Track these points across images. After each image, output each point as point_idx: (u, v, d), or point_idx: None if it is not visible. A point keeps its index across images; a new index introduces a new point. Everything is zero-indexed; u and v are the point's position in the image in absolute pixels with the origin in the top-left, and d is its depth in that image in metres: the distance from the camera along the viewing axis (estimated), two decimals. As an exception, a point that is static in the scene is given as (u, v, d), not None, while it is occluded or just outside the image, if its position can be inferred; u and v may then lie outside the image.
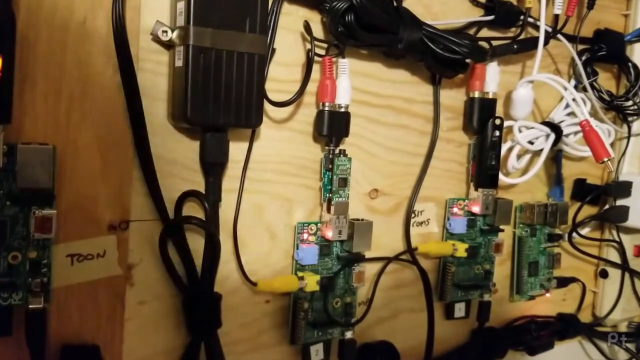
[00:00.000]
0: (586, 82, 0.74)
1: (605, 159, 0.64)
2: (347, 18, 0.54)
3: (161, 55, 0.50)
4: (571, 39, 0.75)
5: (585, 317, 0.87)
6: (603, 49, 0.77)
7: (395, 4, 0.57)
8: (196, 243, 0.52)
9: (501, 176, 0.70)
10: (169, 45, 0.50)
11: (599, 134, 0.64)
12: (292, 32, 0.56)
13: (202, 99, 0.48)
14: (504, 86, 0.71)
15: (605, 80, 0.82)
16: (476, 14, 0.67)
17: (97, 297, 0.49)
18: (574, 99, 0.68)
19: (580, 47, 0.76)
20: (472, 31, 0.67)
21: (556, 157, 0.77)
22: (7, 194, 0.44)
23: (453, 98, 0.68)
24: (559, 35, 0.71)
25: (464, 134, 0.69)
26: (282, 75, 0.56)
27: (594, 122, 0.67)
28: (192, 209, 0.52)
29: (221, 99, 0.49)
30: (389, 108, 0.64)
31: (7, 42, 0.41)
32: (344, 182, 0.58)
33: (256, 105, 0.51)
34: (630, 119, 0.80)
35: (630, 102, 0.78)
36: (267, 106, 0.54)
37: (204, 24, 0.47)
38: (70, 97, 0.46)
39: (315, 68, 0.57)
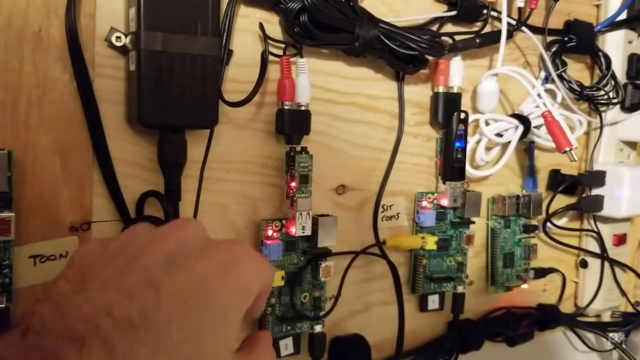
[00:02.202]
0: (554, 74, 0.75)
1: (568, 149, 0.65)
2: (301, 18, 0.56)
3: (118, 61, 0.52)
4: (540, 31, 0.76)
5: (567, 307, 0.87)
6: (573, 39, 0.77)
7: (350, 2, 0.58)
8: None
9: (470, 169, 0.71)
10: (125, 51, 0.51)
11: (560, 124, 0.65)
12: (250, 34, 0.57)
13: (155, 101, 0.49)
14: (472, 80, 0.72)
15: (579, 71, 0.83)
16: (439, 10, 0.68)
17: (61, 296, 0.51)
18: (537, 92, 0.68)
19: (550, 38, 0.77)
20: (435, 27, 0.68)
21: (528, 148, 0.77)
22: (-34, 198, 0.46)
23: (419, 93, 0.69)
24: (525, 28, 0.72)
25: (432, 128, 0.70)
26: (241, 76, 0.57)
27: (557, 113, 0.68)
28: (154, 209, 0.54)
29: (175, 101, 0.50)
30: (353, 105, 0.65)
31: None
32: (306, 179, 0.59)
33: (211, 105, 0.52)
34: (601, 108, 0.81)
35: (601, 92, 0.79)
36: (231, 108, 0.55)
37: (154, 29, 0.49)
38: (29, 103, 0.48)
39: (276, 68, 0.59)
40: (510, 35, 0.70)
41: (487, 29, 0.71)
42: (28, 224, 0.49)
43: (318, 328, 0.63)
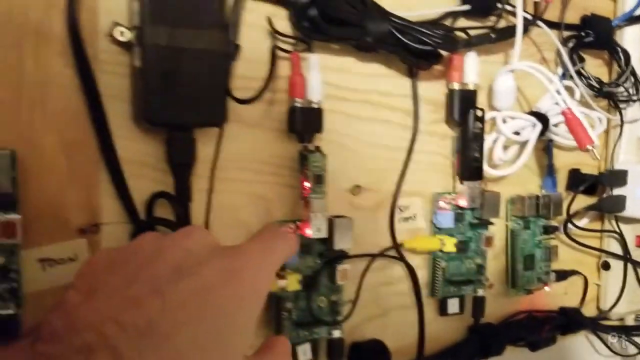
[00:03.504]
0: (572, 70, 0.73)
1: (589, 147, 0.63)
2: (310, 12, 0.54)
3: (122, 56, 0.50)
4: (556, 26, 0.74)
5: (589, 310, 0.85)
6: (590, 35, 0.76)
7: (361, -5, 0.57)
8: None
9: (488, 168, 0.69)
10: (129, 46, 0.50)
11: (581, 121, 0.63)
12: (258, 29, 0.56)
13: (162, 98, 0.48)
14: (488, 77, 0.70)
15: (597, 67, 0.81)
16: (452, 4, 0.67)
17: (69, 301, 0.49)
18: (556, 89, 0.66)
19: (567, 33, 0.75)
20: (447, 21, 0.66)
21: (547, 147, 0.75)
22: (-30, 199, 0.44)
23: (433, 90, 0.67)
24: (540, 23, 0.70)
25: (447, 126, 0.68)
26: (250, 72, 0.55)
27: (577, 110, 0.66)
28: (164, 210, 0.52)
29: (182, 98, 0.49)
30: (366, 103, 0.63)
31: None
32: (320, 179, 0.57)
33: (219, 102, 0.51)
34: (621, 105, 0.78)
35: (621, 89, 0.77)
36: (242, 106, 0.54)
37: (159, 23, 0.47)
38: (31, 101, 0.47)
39: (287, 64, 0.57)
40: (526, 30, 0.68)
41: (502, 23, 0.69)
42: (34, 227, 0.47)
43: (336, 333, 0.60)
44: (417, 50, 0.59)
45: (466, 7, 0.66)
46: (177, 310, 0.30)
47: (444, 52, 0.64)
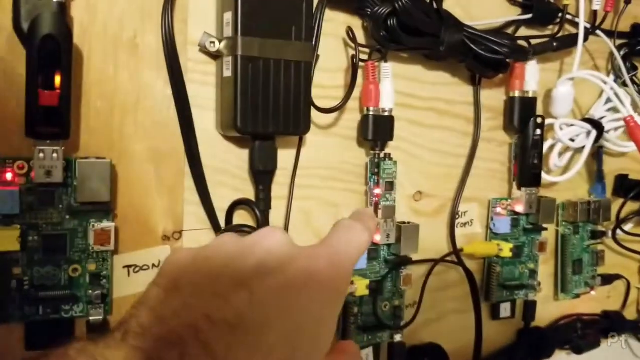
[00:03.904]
0: (627, 77, 0.73)
1: (652, 154, 0.64)
2: (389, 22, 0.55)
3: (208, 66, 0.51)
4: (609, 34, 0.75)
5: (630, 314, 0.86)
6: (641, 42, 0.76)
7: (435, 6, 0.57)
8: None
9: (544, 175, 0.69)
10: (215, 56, 0.50)
11: (644, 129, 0.64)
12: (334, 38, 0.57)
13: (251, 108, 0.48)
14: (543, 84, 0.70)
15: (643, 74, 0.81)
16: (514, 13, 0.67)
17: (154, 307, 0.50)
18: (616, 95, 0.67)
19: (618, 42, 0.76)
20: (510, 30, 0.67)
21: (597, 153, 0.76)
22: (67, 208, 0.45)
23: (492, 98, 0.68)
24: (597, 31, 0.71)
25: (505, 133, 0.69)
26: (325, 81, 0.56)
27: (638, 118, 0.66)
28: (243, 217, 0.53)
29: (270, 108, 0.49)
30: (430, 110, 0.64)
31: (65, 59, 0.42)
32: (391, 186, 0.58)
33: (304, 112, 0.51)
34: (670, 112, 0.79)
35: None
36: (313, 112, 0.54)
37: (251, 34, 0.48)
38: (123, 111, 0.47)
39: (359, 73, 0.58)
40: (586, 39, 0.68)
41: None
42: (122, 234, 0.48)
43: (398, 337, 0.61)
44: (487, 60, 0.60)
45: (528, 16, 0.66)
46: (265, 305, 0.30)
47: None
